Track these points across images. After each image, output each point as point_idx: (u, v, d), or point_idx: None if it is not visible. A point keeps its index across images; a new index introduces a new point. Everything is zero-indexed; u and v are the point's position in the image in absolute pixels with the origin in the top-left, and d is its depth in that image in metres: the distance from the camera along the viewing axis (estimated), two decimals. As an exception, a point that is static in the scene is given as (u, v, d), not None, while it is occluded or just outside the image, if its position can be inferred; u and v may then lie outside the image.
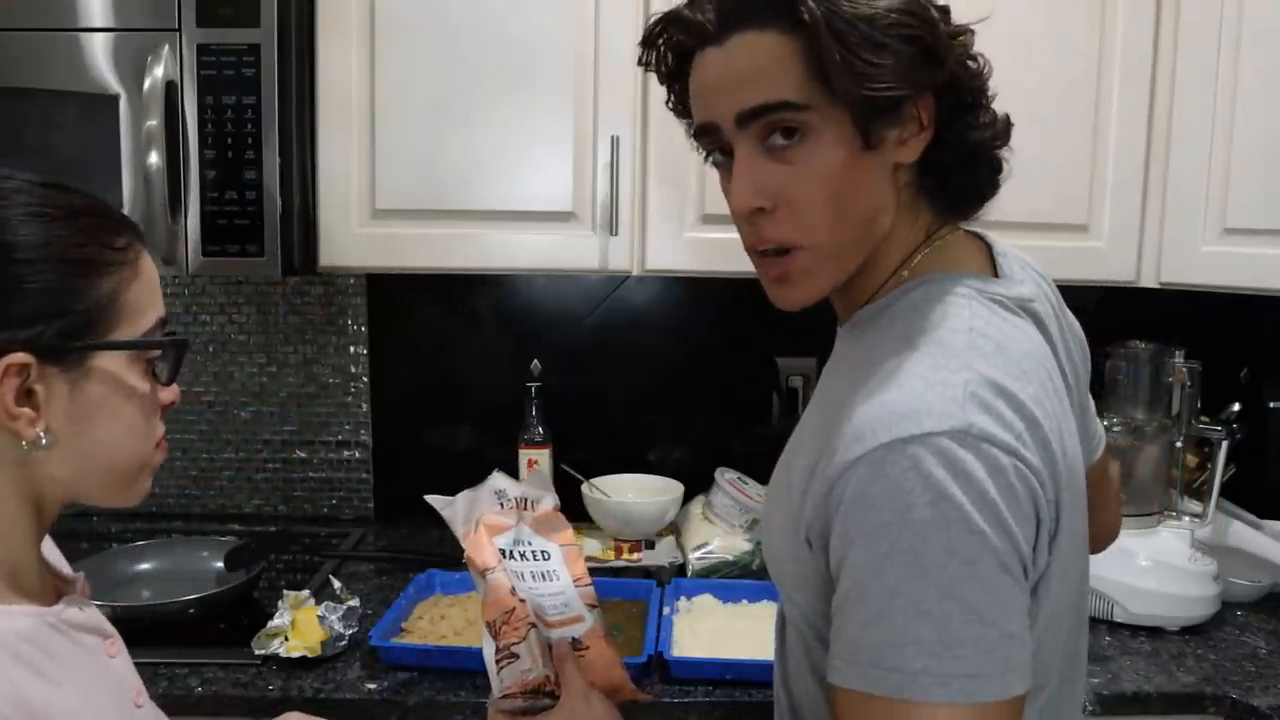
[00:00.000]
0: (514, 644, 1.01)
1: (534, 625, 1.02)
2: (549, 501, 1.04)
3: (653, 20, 0.86)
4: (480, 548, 1.02)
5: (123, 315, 0.77)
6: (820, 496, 0.76)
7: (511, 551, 1.01)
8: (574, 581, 1.02)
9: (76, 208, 0.77)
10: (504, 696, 1.02)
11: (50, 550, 0.88)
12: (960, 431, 0.70)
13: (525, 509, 1.04)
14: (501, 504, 1.04)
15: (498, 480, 1.04)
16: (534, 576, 1.01)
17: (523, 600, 1.01)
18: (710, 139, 0.84)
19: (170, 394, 0.83)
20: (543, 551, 1.02)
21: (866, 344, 0.84)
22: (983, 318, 0.80)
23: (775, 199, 0.80)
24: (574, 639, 1.02)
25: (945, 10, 0.81)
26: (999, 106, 0.85)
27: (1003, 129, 0.85)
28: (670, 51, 0.86)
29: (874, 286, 0.86)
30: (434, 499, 1.06)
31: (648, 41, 0.87)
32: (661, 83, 0.90)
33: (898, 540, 0.70)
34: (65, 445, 0.76)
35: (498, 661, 1.02)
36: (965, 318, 0.80)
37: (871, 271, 0.86)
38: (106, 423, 0.78)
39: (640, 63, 0.88)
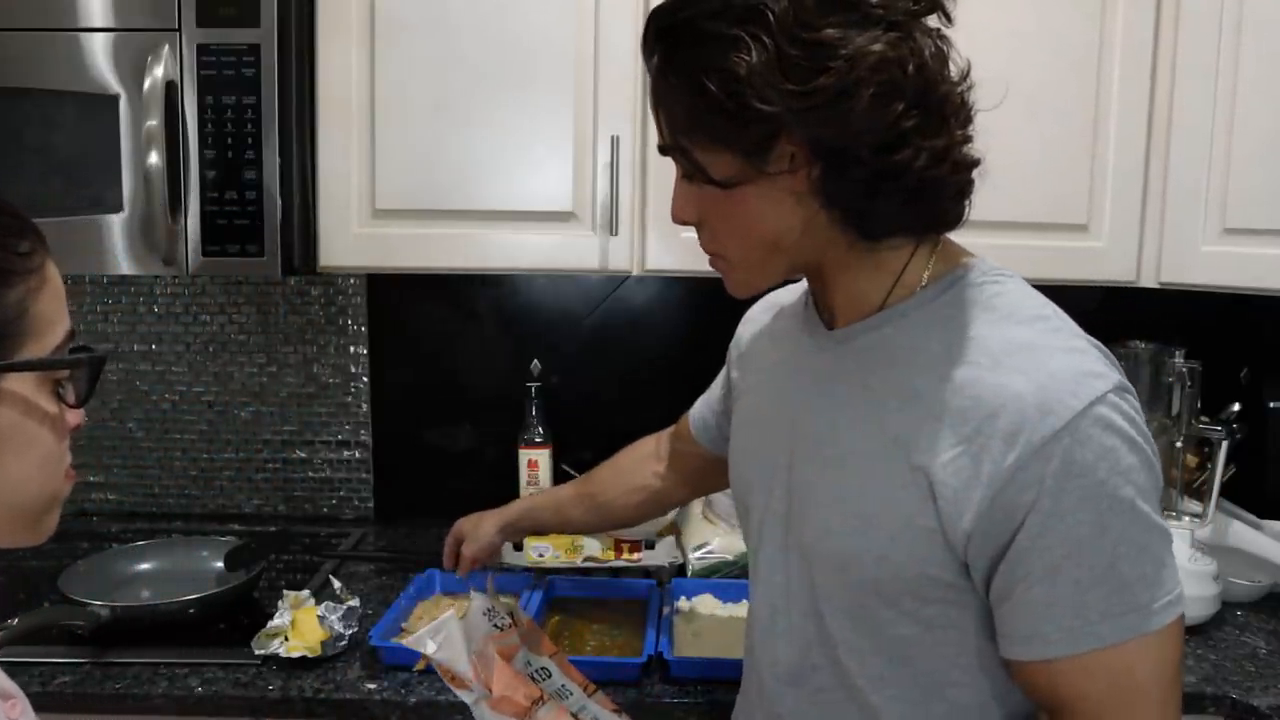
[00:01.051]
0: None
1: None
2: (523, 613, 0.94)
3: None
4: (513, 685, 0.84)
5: (31, 330, 0.66)
6: (1003, 482, 0.78)
7: (530, 675, 0.86)
8: (584, 691, 0.92)
9: None
10: None
11: None
12: (1119, 387, 0.80)
13: (516, 624, 0.92)
14: (496, 625, 0.91)
15: (480, 600, 0.93)
16: (553, 697, 0.87)
17: None
18: None
19: (77, 416, 0.72)
20: (543, 669, 0.91)
21: (928, 330, 0.85)
22: (1041, 296, 0.88)
23: (696, 217, 0.90)
24: None
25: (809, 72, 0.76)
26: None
27: (922, 163, 0.80)
28: None
29: (879, 289, 0.88)
30: (416, 640, 0.89)
31: None
32: None
33: (1116, 492, 0.77)
34: None
35: None
36: (1034, 295, 0.88)
37: (873, 276, 0.88)
38: (17, 455, 0.67)
39: None
